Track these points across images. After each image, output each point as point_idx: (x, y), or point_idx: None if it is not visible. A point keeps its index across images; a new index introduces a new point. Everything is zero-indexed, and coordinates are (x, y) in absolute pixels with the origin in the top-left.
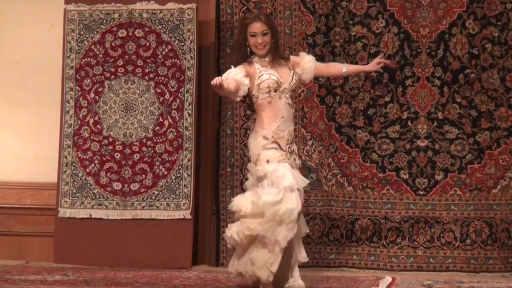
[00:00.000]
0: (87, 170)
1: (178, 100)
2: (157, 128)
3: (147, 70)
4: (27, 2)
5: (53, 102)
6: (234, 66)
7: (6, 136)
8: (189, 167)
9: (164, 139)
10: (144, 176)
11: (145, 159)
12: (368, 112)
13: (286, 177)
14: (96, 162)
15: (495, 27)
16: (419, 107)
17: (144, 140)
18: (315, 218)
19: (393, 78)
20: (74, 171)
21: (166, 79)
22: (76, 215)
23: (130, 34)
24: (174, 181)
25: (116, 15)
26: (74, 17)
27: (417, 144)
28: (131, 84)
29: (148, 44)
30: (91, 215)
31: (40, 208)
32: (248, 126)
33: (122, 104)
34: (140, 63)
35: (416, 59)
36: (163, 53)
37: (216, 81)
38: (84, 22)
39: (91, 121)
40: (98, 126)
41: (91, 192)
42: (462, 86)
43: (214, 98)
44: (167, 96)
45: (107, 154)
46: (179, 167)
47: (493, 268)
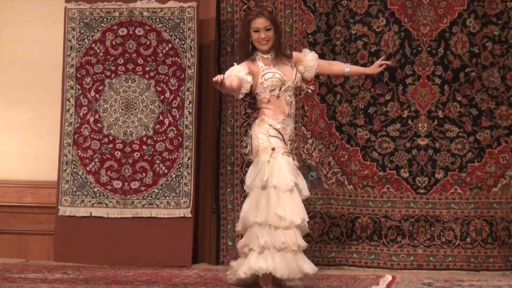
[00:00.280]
0: (87, 169)
1: (179, 99)
2: (157, 126)
3: (147, 69)
4: (27, 0)
5: (53, 100)
6: (237, 63)
7: (6, 135)
8: (189, 166)
9: (164, 138)
10: (144, 174)
11: (145, 158)
12: (369, 111)
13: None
14: (96, 160)
15: (495, 25)
16: (420, 105)
17: (144, 139)
18: (315, 216)
19: (393, 76)
20: (75, 170)
21: (167, 78)
22: (76, 214)
23: (131, 32)
24: (174, 179)
25: (116, 14)
26: (75, 15)
27: (417, 142)
28: (132, 83)
29: (148, 42)
30: (91, 214)
31: (40, 207)
32: (248, 124)
33: (123, 103)
34: (140, 61)
35: (417, 57)
36: (164, 51)
37: (217, 78)
38: (85, 20)
39: (92, 119)
40: (99, 125)
41: (91, 190)
42: (462, 84)
43: (215, 97)
44: (167, 94)
45: (107, 152)
46: (179, 166)
47: (493, 266)
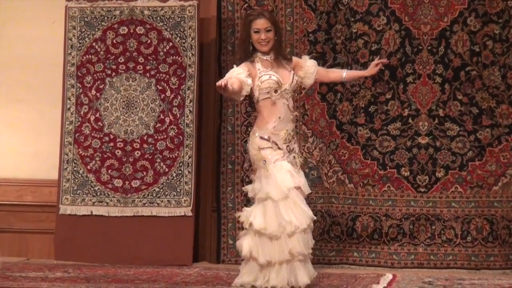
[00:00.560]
0: (88, 167)
1: (179, 97)
2: (158, 125)
3: (148, 67)
4: None
5: (54, 99)
6: (237, 63)
7: (7, 133)
8: (190, 164)
9: (165, 136)
10: (145, 173)
11: (146, 156)
12: (369, 109)
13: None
14: (97, 159)
15: (496, 24)
16: (420, 104)
17: (145, 137)
18: (316, 215)
19: (394, 75)
20: (75, 168)
21: (167, 76)
22: (77, 212)
23: (131, 31)
24: (175, 178)
25: (117, 12)
26: (75, 14)
27: (418, 141)
28: (132, 81)
29: (149, 41)
30: (92, 212)
31: (40, 205)
32: (249, 123)
33: (123, 101)
34: (141, 60)
35: (417, 56)
36: (164, 50)
37: (221, 82)
38: (85, 19)
39: (92, 118)
40: (99, 123)
41: (92, 189)
42: (463, 83)
43: (215, 95)
44: (168, 93)
45: (108, 151)
46: (180, 164)
47: (493, 265)
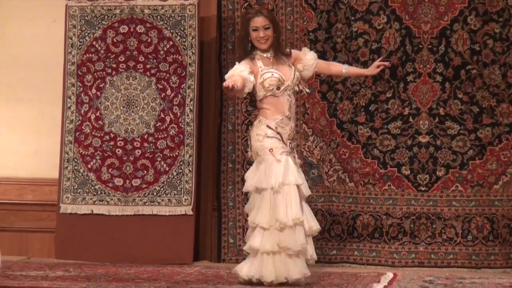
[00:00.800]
0: (89, 166)
1: (180, 96)
2: (158, 124)
3: (148, 66)
4: None
5: (54, 98)
6: (238, 61)
7: (7, 132)
8: (190, 163)
9: (165, 135)
10: (145, 172)
11: (146, 155)
12: (370, 108)
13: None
14: (97, 158)
15: (496, 23)
16: (421, 103)
17: (145, 136)
18: (316, 214)
19: (394, 74)
20: (76, 167)
21: (168, 75)
22: (78, 211)
23: (132, 30)
24: (176, 177)
25: (117, 11)
26: (76, 13)
27: (418, 140)
28: (133, 80)
29: (149, 40)
30: (92, 211)
31: (41, 204)
32: (249, 122)
33: (124, 100)
34: (141, 59)
35: (418, 55)
36: (165, 49)
37: (228, 83)
38: (86, 18)
39: (93, 117)
40: (100, 122)
41: (92, 188)
42: (463, 82)
43: (216, 94)
44: (168, 92)
45: (108, 150)
46: (181, 163)
47: (494, 264)
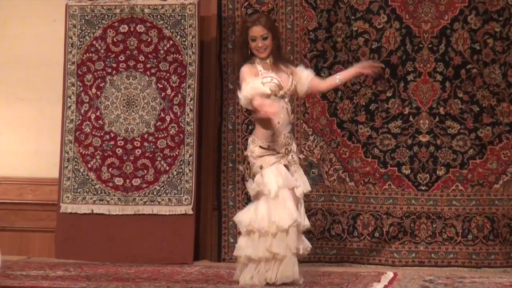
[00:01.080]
0: (89, 166)
1: (180, 96)
2: (158, 123)
3: (148, 66)
4: None
5: (54, 97)
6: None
7: (7, 132)
8: (190, 163)
9: (165, 135)
10: (145, 171)
11: (146, 155)
12: (370, 108)
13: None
14: (97, 157)
15: (497, 22)
16: (421, 102)
17: (145, 136)
18: (316, 213)
19: (394, 73)
20: (76, 167)
21: (168, 75)
22: (78, 211)
23: (132, 29)
24: (176, 176)
25: (117, 11)
26: (76, 12)
27: (418, 139)
28: (133, 80)
29: (149, 39)
30: (92, 211)
31: (41, 204)
32: (249, 121)
33: (124, 100)
34: (141, 58)
35: (418, 54)
36: (165, 48)
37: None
38: (86, 17)
39: (93, 116)
40: (100, 122)
41: (92, 187)
42: (464, 81)
43: (216, 94)
44: (168, 91)
45: (108, 149)
46: (181, 163)
47: (494, 263)
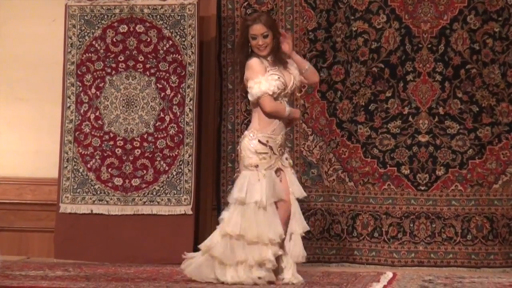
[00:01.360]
0: (88, 166)
1: (179, 96)
2: (158, 123)
3: (148, 66)
4: None
5: (54, 97)
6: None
7: (7, 132)
8: (190, 163)
9: (165, 135)
10: (145, 171)
11: (146, 155)
12: (369, 108)
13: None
14: (97, 157)
15: (496, 22)
16: (420, 102)
17: (145, 136)
18: (316, 213)
19: (394, 73)
20: (75, 167)
21: (167, 75)
22: (77, 211)
23: (131, 29)
24: (175, 176)
25: (117, 11)
26: (75, 12)
27: (418, 139)
28: (132, 80)
29: (149, 39)
30: (92, 211)
31: (40, 204)
32: (249, 121)
33: (123, 100)
34: (141, 58)
35: (417, 54)
36: (164, 48)
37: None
38: (85, 17)
39: (92, 116)
40: (99, 122)
41: (92, 187)
42: (463, 81)
43: (215, 94)
44: (168, 91)
45: (108, 149)
46: (180, 163)
47: (494, 263)
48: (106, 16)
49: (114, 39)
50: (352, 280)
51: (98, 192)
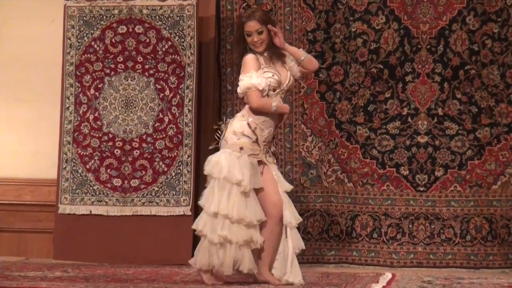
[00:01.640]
0: (87, 167)
1: (178, 97)
2: (157, 124)
3: (147, 66)
4: None
5: (53, 98)
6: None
7: (5, 132)
8: (189, 164)
9: (164, 136)
10: (144, 172)
11: (145, 156)
12: (368, 108)
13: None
14: (96, 158)
15: (495, 23)
16: (419, 103)
17: (144, 137)
18: (315, 214)
19: (393, 74)
20: (74, 168)
21: (166, 75)
22: (76, 212)
23: (130, 30)
24: (174, 177)
25: (116, 11)
26: (74, 13)
27: (417, 140)
28: (131, 80)
29: (148, 40)
30: (91, 212)
31: (39, 205)
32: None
33: (122, 101)
34: (140, 59)
35: (416, 55)
36: (163, 49)
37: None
38: (84, 18)
39: (91, 117)
40: (98, 123)
41: (91, 188)
42: (462, 82)
43: (214, 95)
44: (167, 92)
45: (107, 150)
46: (179, 164)
47: (493, 264)
48: (105, 17)
49: (113, 40)
50: (351, 281)
51: (97, 193)
